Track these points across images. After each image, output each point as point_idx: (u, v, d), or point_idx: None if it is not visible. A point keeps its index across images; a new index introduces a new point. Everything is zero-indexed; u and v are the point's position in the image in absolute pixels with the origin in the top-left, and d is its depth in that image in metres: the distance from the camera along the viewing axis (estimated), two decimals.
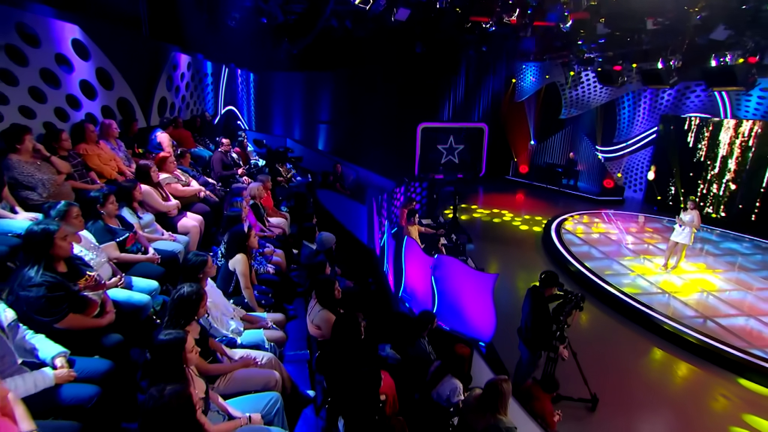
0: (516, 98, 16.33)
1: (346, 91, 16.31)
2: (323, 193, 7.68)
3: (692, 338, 6.44)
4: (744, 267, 9.19)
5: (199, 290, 2.65)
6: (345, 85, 16.25)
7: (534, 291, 4.74)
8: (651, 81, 8.59)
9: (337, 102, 16.56)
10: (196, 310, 2.63)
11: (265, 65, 14.70)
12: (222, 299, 3.51)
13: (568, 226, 11.46)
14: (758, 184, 11.43)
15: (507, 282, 8.58)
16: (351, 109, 16.33)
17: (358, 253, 6.59)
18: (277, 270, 4.80)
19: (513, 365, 5.32)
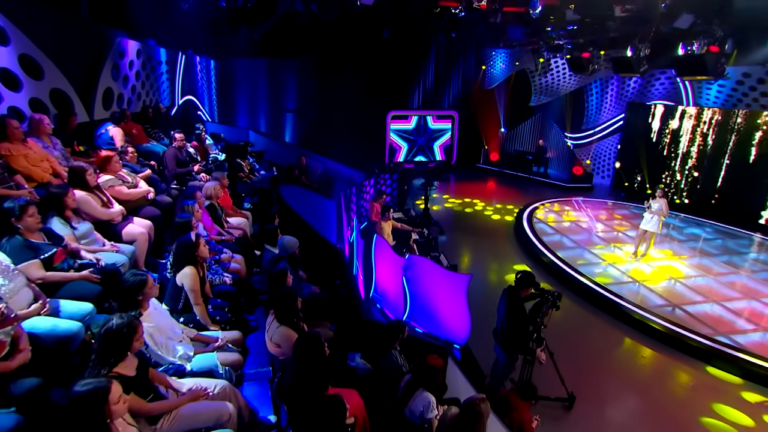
0: (486, 85, 16.16)
1: (312, 78, 15.69)
2: (287, 189, 7.26)
3: (662, 327, 6.48)
4: (706, 252, 9.40)
5: (131, 322, 2.27)
6: (311, 73, 15.63)
7: (510, 292, 4.55)
8: (622, 69, 8.54)
9: (303, 90, 15.93)
10: (128, 345, 2.26)
11: (227, 52, 13.91)
12: (169, 320, 3.13)
13: (539, 215, 11.46)
14: (718, 171, 11.72)
15: (480, 275, 8.46)
16: (318, 98, 15.76)
17: (326, 255, 6.26)
18: (236, 279, 4.42)
19: (489, 365, 5.17)
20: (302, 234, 6.57)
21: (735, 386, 5.69)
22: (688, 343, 6.20)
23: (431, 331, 5.36)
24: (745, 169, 11.15)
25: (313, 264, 5.84)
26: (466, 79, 16.91)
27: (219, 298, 4.00)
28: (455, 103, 17.01)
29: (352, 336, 4.70)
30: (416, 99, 16.71)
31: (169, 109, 10.58)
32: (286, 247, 4.51)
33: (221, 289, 4.15)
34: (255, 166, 9.34)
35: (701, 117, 11.97)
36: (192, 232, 3.61)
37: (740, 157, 11.24)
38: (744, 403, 5.39)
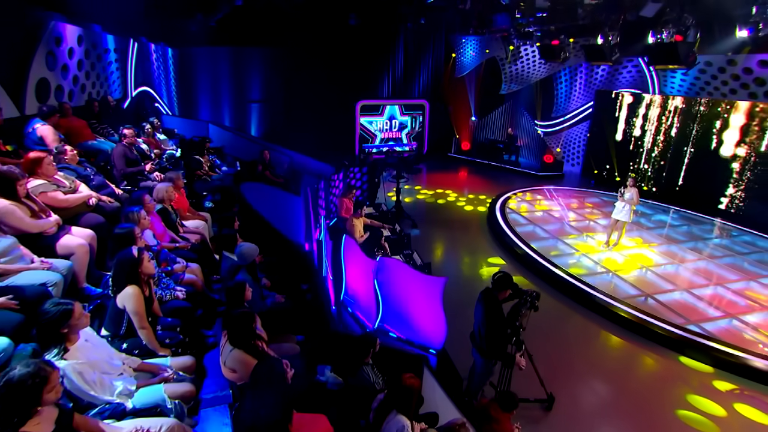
0: (456, 73, 15.92)
1: (278, 67, 15.01)
2: (249, 187, 6.80)
3: (636, 319, 6.47)
4: (674, 239, 9.54)
5: (39, 370, 1.88)
6: (276, 61, 14.94)
7: (487, 294, 4.33)
8: (594, 57, 8.44)
9: (268, 80, 15.23)
10: (37, 399, 1.87)
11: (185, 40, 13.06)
12: (105, 351, 2.72)
13: (512, 205, 11.39)
14: (682, 158, 11.94)
15: (455, 271, 8.29)
16: (284, 88, 15.13)
17: (292, 258, 5.89)
18: (190, 292, 4.01)
19: (466, 368, 4.98)
20: (266, 236, 6.21)
21: (707, 376, 5.73)
22: (661, 334, 6.21)
23: (406, 336, 5.11)
24: (707, 157, 11.38)
25: (277, 269, 5.46)
26: (437, 67, 16.62)
27: (170, 316, 3.59)
28: (426, 91, 16.72)
29: (321, 346, 4.39)
30: (386, 88, 16.31)
31: (120, 102, 9.83)
32: (245, 256, 4.13)
33: (173, 306, 3.74)
34: (216, 162, 8.80)
35: (666, 105, 12.13)
36: (134, 247, 3.18)
37: (703, 144, 11.46)
38: (716, 393, 5.43)
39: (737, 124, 10.68)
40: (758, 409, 5.18)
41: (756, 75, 9.75)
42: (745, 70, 9.88)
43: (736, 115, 10.67)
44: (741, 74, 10.02)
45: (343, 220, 8.13)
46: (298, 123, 14.96)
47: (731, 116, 10.78)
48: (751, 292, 7.51)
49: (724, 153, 11.05)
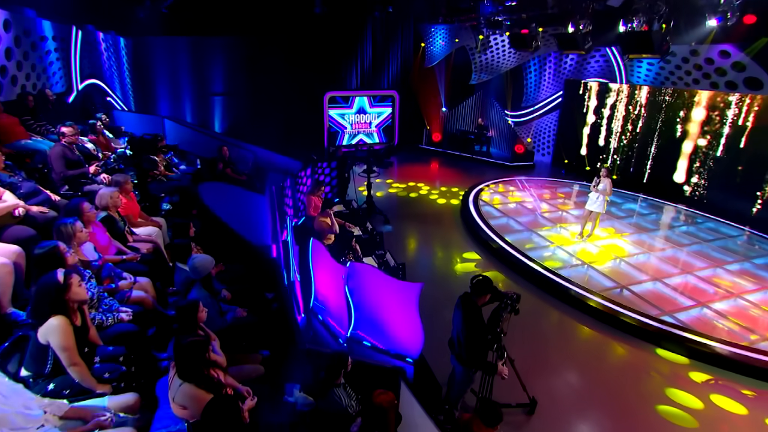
0: (426, 63, 15.60)
1: (241, 58, 14.22)
2: (208, 187, 6.29)
3: (613, 311, 6.41)
4: (644, 228, 9.63)
5: None
6: (240, 52, 14.16)
7: (465, 300, 4.07)
8: (566, 46, 8.29)
9: (231, 72, 14.42)
10: None
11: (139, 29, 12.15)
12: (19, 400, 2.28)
13: (484, 197, 11.25)
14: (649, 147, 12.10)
15: (429, 268, 8.05)
16: (248, 80, 14.38)
17: (255, 264, 5.47)
18: (139, 312, 3.55)
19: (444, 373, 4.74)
20: (226, 241, 5.75)
21: (683, 367, 5.72)
22: (638, 327, 6.17)
23: (381, 344, 4.81)
24: (671, 145, 11.55)
25: (239, 279, 5.04)
26: (406, 57, 16.24)
27: (112, 344, 3.15)
28: (395, 82, 16.34)
29: (289, 363, 4.03)
30: (354, 79, 15.83)
31: (64, 96, 9.01)
32: (198, 269, 3.70)
33: (117, 331, 3.29)
34: (174, 161, 8.19)
35: (633, 94, 12.22)
36: (59, 270, 2.71)
37: (668, 133, 11.62)
38: (692, 385, 5.41)
39: (699, 113, 10.85)
40: (733, 399, 5.19)
41: (717, 65, 9.87)
42: (706, 60, 9.98)
43: (699, 105, 10.83)
44: (703, 64, 10.14)
45: (311, 219, 7.72)
46: (263, 116, 14.30)
47: (694, 106, 10.94)
48: (718, 279, 7.62)
49: (687, 141, 11.23)
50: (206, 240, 5.71)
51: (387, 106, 15.92)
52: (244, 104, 14.61)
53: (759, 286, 7.36)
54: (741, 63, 9.41)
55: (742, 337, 6.09)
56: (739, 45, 9.12)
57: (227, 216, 6.01)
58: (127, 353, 3.03)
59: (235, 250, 5.70)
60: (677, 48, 10.15)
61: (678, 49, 10.19)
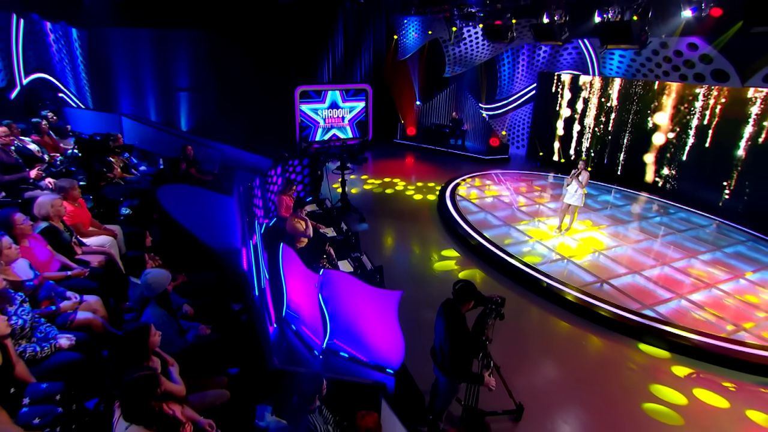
0: (399, 56, 15.28)
1: (207, 52, 13.51)
2: (168, 190, 5.82)
3: (595, 308, 6.33)
4: (619, 219, 9.66)
5: None
6: (206, 45, 13.43)
7: (448, 308, 3.82)
8: (543, 37, 8.13)
9: (197, 66, 13.67)
10: None
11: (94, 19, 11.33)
12: None
13: (461, 192, 11.08)
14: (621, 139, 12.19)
15: (408, 267, 7.79)
16: (215, 74, 13.71)
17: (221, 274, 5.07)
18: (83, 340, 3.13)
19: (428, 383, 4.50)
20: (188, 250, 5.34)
21: (665, 362, 5.67)
22: (620, 322, 6.10)
23: (359, 355, 4.52)
24: (643, 136, 11.66)
25: (203, 290, 4.65)
26: (378, 49, 15.87)
27: (48, 379, 2.73)
28: (368, 75, 15.96)
29: (260, 383, 3.70)
30: (326, 72, 15.36)
31: (5, 92, 8.26)
32: (152, 286, 3.31)
33: (55, 362, 2.87)
34: (132, 161, 7.62)
35: (606, 86, 12.27)
36: None
37: (639, 125, 11.71)
38: (675, 380, 5.36)
39: (670, 105, 10.96)
40: (715, 393, 5.17)
41: (686, 57, 9.97)
42: (675, 52, 10.06)
43: (669, 97, 10.94)
44: (672, 57, 10.21)
45: (283, 220, 7.35)
46: (232, 113, 13.70)
47: (664, 98, 11.05)
48: (693, 269, 7.68)
49: (658, 133, 11.35)
50: (167, 249, 5.28)
51: (360, 100, 15.55)
52: (211, 100, 13.94)
53: (731, 276, 7.44)
54: (708, 55, 9.51)
55: (720, 329, 6.11)
56: (707, 38, 9.21)
57: (189, 221, 5.57)
58: (66, 390, 2.63)
59: (199, 259, 5.29)
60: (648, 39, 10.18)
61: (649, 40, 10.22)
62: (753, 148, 9.57)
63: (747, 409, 4.99)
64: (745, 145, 9.70)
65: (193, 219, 5.83)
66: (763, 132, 9.40)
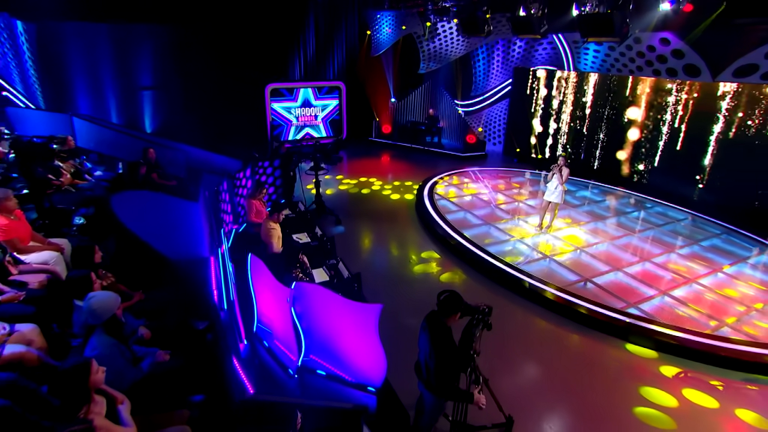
0: (372, 52, 14.91)
1: (172, 48, 12.77)
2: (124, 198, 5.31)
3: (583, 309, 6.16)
4: (599, 215, 9.61)
5: None
6: (171, 41, 12.68)
7: (433, 321, 3.52)
8: (521, 30, 7.91)
9: (162, 63, 12.89)
10: None
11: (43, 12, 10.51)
12: None
13: (439, 190, 10.85)
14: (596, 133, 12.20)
15: (386, 271, 7.48)
16: (181, 72, 12.99)
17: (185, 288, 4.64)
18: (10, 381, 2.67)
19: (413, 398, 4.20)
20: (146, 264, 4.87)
21: (653, 362, 5.55)
22: (606, 322, 5.96)
23: (338, 371, 4.17)
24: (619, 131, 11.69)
25: (163, 308, 4.20)
26: (351, 46, 15.45)
27: None
28: (341, 72, 15.53)
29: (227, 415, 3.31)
30: (297, 69, 14.86)
31: None
32: (97, 313, 2.88)
33: None
34: (86, 166, 7.02)
35: (582, 82, 12.25)
36: None
37: (613, 119, 11.74)
38: (664, 381, 5.24)
39: (644, 99, 11.01)
40: (704, 392, 5.07)
41: (658, 53, 9.99)
42: (648, 47, 10.07)
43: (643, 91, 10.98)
44: (645, 51, 10.22)
45: (253, 226, 6.91)
46: (200, 112, 13.03)
47: (638, 93, 11.09)
48: (674, 264, 7.65)
49: (633, 127, 11.39)
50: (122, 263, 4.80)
51: (333, 97, 15.12)
52: (176, 99, 13.20)
53: (709, 270, 7.44)
54: (680, 50, 9.54)
55: (704, 325, 6.05)
56: (678, 33, 9.23)
57: (148, 231, 5.10)
58: None
59: (160, 273, 4.83)
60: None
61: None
62: (724, 141, 9.67)
63: (736, 408, 4.90)
64: (716, 138, 9.80)
65: (153, 228, 5.36)
66: (733, 126, 9.50)
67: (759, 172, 9.14)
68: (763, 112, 9.01)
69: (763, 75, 8.58)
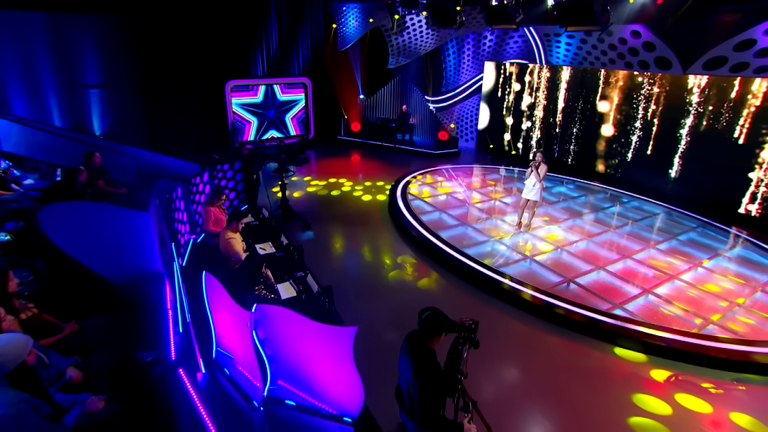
0: (339, 46, 14.32)
1: (122, 42, 11.75)
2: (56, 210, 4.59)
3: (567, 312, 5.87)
4: (576, 211, 9.42)
5: None
6: (121, 34, 11.65)
7: (414, 344, 3.07)
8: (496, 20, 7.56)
9: (111, 59, 11.85)
10: None
11: None
12: None
13: (413, 190, 10.43)
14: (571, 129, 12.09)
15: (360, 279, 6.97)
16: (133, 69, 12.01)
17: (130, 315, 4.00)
18: None
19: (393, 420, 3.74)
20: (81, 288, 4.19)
21: (643, 366, 5.30)
22: (593, 325, 5.68)
23: (310, 401, 3.66)
24: (592, 125, 11.61)
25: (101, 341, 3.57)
26: (317, 40, 14.81)
27: None
28: (307, 68, 14.87)
29: None
30: (260, 65, 14.10)
31: None
32: None
33: None
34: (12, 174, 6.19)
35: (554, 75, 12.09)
36: None
37: (588, 114, 11.65)
38: (656, 386, 4.99)
39: (617, 93, 10.94)
40: (696, 396, 4.85)
41: (630, 45, 9.90)
42: (620, 40, 9.97)
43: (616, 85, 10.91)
44: (617, 44, 10.13)
45: (213, 236, 6.26)
46: (154, 112, 12.12)
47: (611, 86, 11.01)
48: (654, 260, 7.51)
49: (606, 122, 11.32)
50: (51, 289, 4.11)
51: (299, 94, 14.44)
52: (127, 98, 12.21)
53: (689, 265, 7.33)
54: (651, 43, 9.47)
55: (690, 323, 5.87)
56: (649, 25, 9.14)
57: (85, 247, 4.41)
58: None
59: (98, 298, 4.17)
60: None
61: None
62: (695, 134, 9.68)
63: (730, 411, 4.70)
64: (688, 131, 9.80)
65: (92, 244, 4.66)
66: (704, 118, 9.51)
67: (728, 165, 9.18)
68: (732, 104, 9.03)
69: (732, 67, 8.58)
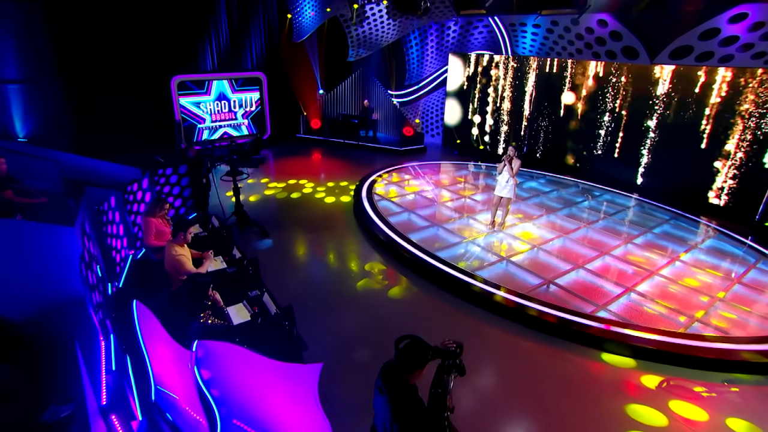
0: (294, 38, 13.47)
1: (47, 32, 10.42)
2: None
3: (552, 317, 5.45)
4: (550, 207, 9.14)
5: None
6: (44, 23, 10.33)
7: (391, 379, 2.48)
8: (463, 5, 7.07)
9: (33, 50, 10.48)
10: None
11: None
12: None
13: (379, 190, 9.84)
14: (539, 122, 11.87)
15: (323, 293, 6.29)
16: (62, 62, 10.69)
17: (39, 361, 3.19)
18: None
19: None
20: None
21: (633, 373, 4.96)
22: (580, 332, 5.29)
23: None
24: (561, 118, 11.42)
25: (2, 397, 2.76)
26: (272, 31, 13.88)
27: None
28: (261, 62, 13.93)
29: None
30: (209, 59, 13.05)
31: None
32: None
33: None
34: None
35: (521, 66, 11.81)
36: None
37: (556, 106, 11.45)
38: (649, 394, 4.65)
39: (584, 83, 10.78)
40: (691, 403, 4.54)
41: (597, 35, 9.71)
42: (587, 29, 9.76)
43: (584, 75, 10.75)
44: (584, 34, 9.92)
45: (155, 251, 5.42)
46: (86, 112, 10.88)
47: (578, 76, 10.84)
48: (632, 255, 7.29)
49: (574, 114, 11.15)
50: None
51: (254, 90, 13.51)
52: (55, 95, 10.87)
53: (668, 259, 7.14)
54: (618, 32, 9.30)
55: (675, 322, 5.61)
56: (616, 14, 8.95)
57: None
58: None
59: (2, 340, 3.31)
60: (559, 17, 9.73)
61: (560, 18, 9.78)
62: (662, 125, 9.62)
63: (726, 417, 4.41)
64: (655, 122, 9.72)
65: None
66: (670, 109, 9.45)
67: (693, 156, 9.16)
68: (698, 95, 8.99)
69: (697, 57, 8.50)
